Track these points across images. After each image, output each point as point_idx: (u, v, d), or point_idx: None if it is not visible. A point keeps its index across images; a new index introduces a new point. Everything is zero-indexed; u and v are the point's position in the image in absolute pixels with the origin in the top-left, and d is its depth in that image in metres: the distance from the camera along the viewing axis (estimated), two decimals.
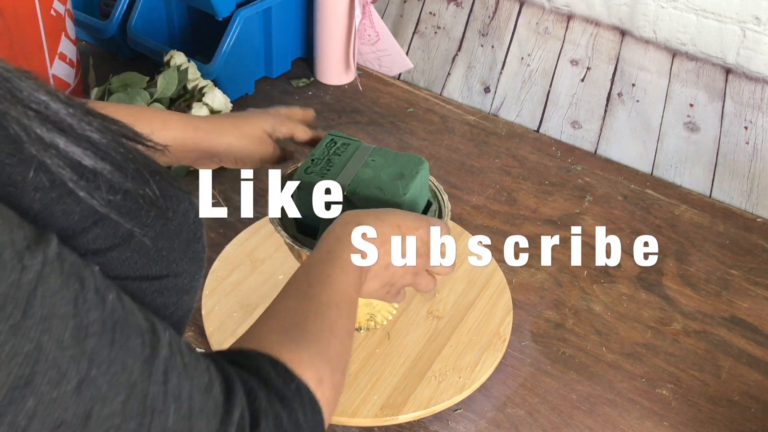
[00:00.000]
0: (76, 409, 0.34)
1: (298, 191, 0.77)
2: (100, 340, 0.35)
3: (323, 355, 0.51)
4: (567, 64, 1.28)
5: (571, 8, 1.27)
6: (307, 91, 1.35)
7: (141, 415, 0.37)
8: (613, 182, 1.18)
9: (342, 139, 0.84)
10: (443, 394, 0.83)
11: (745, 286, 1.01)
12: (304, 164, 0.80)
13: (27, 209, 0.36)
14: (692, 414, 0.85)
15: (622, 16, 1.22)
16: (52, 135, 0.38)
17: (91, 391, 0.34)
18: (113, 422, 0.35)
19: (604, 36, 1.25)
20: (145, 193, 0.42)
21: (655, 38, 1.20)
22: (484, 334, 0.90)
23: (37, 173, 0.36)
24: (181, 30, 1.40)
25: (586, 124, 1.27)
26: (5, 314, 0.31)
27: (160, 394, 0.38)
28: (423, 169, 0.80)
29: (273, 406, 0.45)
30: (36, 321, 0.32)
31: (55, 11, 1.12)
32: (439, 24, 1.39)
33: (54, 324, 0.33)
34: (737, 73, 1.15)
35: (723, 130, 1.17)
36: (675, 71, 1.20)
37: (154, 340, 0.39)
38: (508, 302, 0.94)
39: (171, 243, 0.43)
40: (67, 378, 0.34)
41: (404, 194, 0.76)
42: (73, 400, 0.34)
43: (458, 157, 1.21)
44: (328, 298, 0.56)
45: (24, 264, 0.33)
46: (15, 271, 0.32)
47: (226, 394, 0.43)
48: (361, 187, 0.77)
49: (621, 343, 0.92)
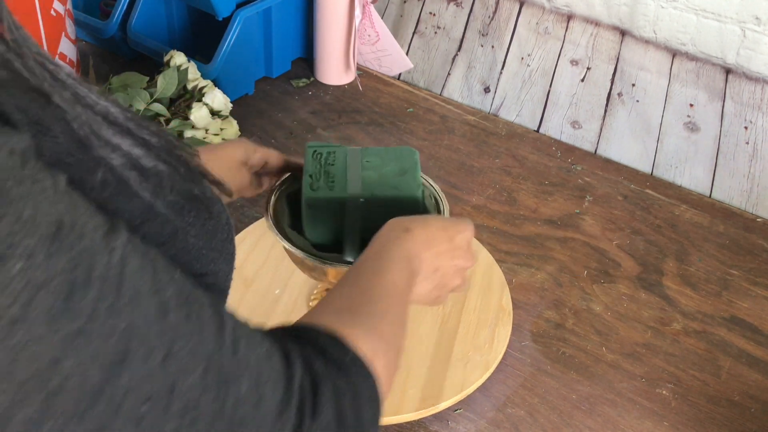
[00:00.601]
0: (162, 383, 0.35)
1: (312, 211, 0.75)
2: (178, 315, 0.37)
3: (377, 333, 0.53)
4: (567, 64, 1.28)
5: (571, 8, 1.27)
6: (307, 91, 1.35)
7: (218, 385, 0.38)
8: (613, 182, 1.18)
9: (324, 148, 0.82)
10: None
11: (745, 286, 1.01)
12: (306, 182, 0.77)
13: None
14: (692, 414, 0.85)
15: (622, 16, 1.22)
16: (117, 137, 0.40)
17: (175, 364, 0.36)
18: (194, 394, 0.37)
19: (604, 36, 1.25)
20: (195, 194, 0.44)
21: (655, 38, 1.20)
22: (483, 334, 0.90)
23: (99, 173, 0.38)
24: (181, 30, 1.40)
25: (586, 124, 1.27)
26: (102, 295, 0.33)
27: (233, 364, 0.39)
28: (417, 158, 0.81)
29: (330, 373, 0.46)
30: (127, 300, 0.34)
31: (55, 11, 1.12)
32: (439, 24, 1.39)
33: (141, 302, 0.35)
34: (737, 73, 1.15)
35: (723, 130, 1.17)
36: (675, 71, 1.20)
37: (219, 313, 0.40)
38: (508, 302, 0.94)
39: (209, 242, 0.45)
40: (155, 353, 0.35)
41: (418, 187, 0.77)
42: (160, 374, 0.35)
43: (458, 157, 1.21)
44: (380, 289, 0.58)
45: (111, 246, 0.34)
46: (105, 253, 0.34)
47: (285, 362, 0.44)
48: (377, 190, 0.76)
49: (621, 343, 0.92)
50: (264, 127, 1.25)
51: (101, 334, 0.33)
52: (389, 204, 0.76)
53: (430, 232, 0.66)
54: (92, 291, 0.32)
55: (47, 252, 0.31)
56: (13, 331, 0.30)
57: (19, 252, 0.30)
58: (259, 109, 1.30)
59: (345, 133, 1.25)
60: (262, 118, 1.28)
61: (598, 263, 1.03)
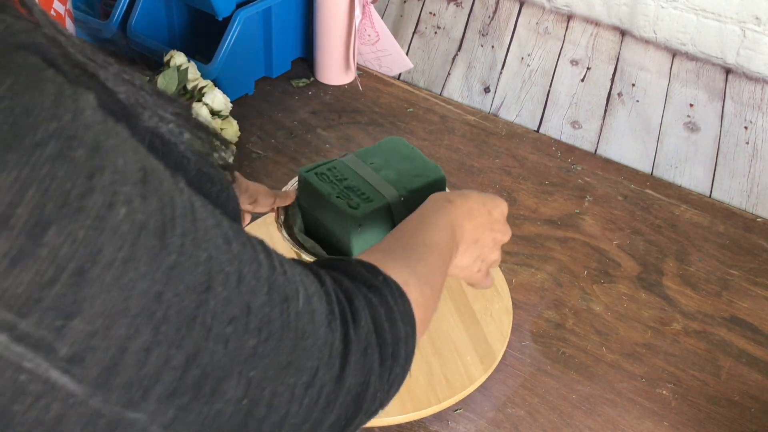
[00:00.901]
0: (240, 304, 0.38)
1: (362, 228, 0.76)
2: (238, 243, 0.40)
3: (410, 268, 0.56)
4: (567, 64, 1.28)
5: (571, 8, 1.27)
6: (307, 91, 1.35)
7: (281, 302, 0.41)
8: (613, 182, 1.18)
9: (321, 167, 0.82)
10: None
11: (745, 286, 1.01)
12: (344, 202, 0.77)
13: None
14: (692, 414, 0.85)
15: (622, 16, 1.22)
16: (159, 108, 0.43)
17: (246, 287, 0.39)
18: (265, 312, 0.40)
19: (604, 36, 1.25)
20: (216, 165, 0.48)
21: (655, 38, 1.20)
22: (483, 334, 0.90)
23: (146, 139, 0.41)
24: (181, 30, 1.40)
25: (586, 124, 1.27)
26: (186, 230, 0.36)
27: (286, 282, 0.42)
28: (408, 143, 0.85)
29: (360, 288, 0.50)
30: (202, 233, 0.37)
31: (55, 11, 1.12)
32: (439, 24, 1.39)
33: (211, 234, 0.38)
34: (737, 73, 1.15)
35: (723, 130, 1.17)
36: (675, 71, 1.20)
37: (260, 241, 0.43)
38: (508, 302, 0.94)
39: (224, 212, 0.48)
40: (230, 278, 0.38)
41: (437, 166, 0.81)
42: (237, 297, 0.38)
43: (458, 157, 1.21)
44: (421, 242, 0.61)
45: (180, 187, 0.37)
46: (178, 192, 0.37)
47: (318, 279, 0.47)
48: (407, 184, 0.79)
49: (621, 343, 0.92)
50: (264, 127, 1.25)
51: (190, 266, 0.36)
52: (425, 191, 0.78)
53: (471, 205, 0.69)
54: (178, 227, 0.36)
55: (141, 196, 0.34)
56: (125, 271, 0.33)
57: (122, 199, 0.33)
58: (259, 109, 1.30)
59: (345, 133, 1.25)
60: (262, 118, 1.28)
61: (598, 263, 1.03)
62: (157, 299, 0.34)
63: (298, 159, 1.19)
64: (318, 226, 0.80)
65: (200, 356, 0.36)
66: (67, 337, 0.31)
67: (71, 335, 0.31)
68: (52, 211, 0.30)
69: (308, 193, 0.81)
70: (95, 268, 0.32)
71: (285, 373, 0.41)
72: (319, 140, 1.23)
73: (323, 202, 0.78)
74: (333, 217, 0.77)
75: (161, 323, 0.34)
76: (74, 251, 0.31)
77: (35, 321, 0.30)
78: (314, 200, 0.80)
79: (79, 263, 0.31)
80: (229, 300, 0.38)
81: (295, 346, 0.42)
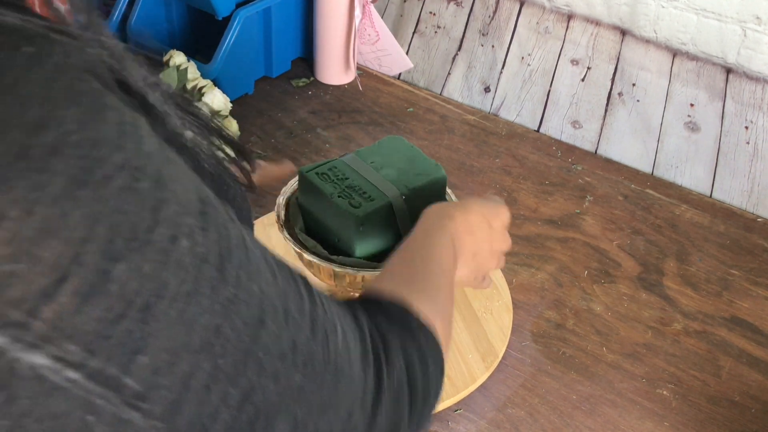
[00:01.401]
0: (288, 340, 0.38)
1: (365, 228, 0.76)
2: (282, 277, 0.39)
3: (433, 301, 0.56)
4: (567, 64, 1.28)
5: (571, 8, 1.27)
6: (307, 91, 1.35)
7: (323, 338, 0.41)
8: (613, 182, 1.17)
9: (322, 166, 0.82)
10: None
11: (746, 286, 1.01)
12: (346, 202, 0.77)
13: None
14: (692, 414, 0.85)
15: (622, 15, 1.22)
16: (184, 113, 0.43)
17: (292, 322, 0.38)
18: (309, 348, 0.39)
19: (604, 36, 1.25)
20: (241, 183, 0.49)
21: (656, 38, 1.20)
22: (483, 334, 0.90)
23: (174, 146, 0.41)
24: (180, 30, 1.40)
25: (587, 124, 1.27)
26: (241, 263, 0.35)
27: (326, 318, 0.42)
28: (407, 142, 0.86)
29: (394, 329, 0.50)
30: (254, 266, 0.37)
31: None
32: (439, 24, 1.39)
33: (261, 267, 0.37)
34: (738, 73, 1.15)
35: (723, 130, 1.17)
36: (675, 71, 1.20)
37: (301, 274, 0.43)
38: (508, 299, 0.94)
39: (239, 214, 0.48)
40: (278, 313, 0.38)
41: (438, 165, 0.82)
42: (285, 332, 0.38)
43: (458, 157, 1.21)
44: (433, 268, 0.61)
45: (231, 216, 0.37)
46: (231, 222, 0.36)
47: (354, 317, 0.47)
48: (408, 183, 0.79)
49: (621, 343, 0.92)
50: (264, 127, 1.25)
51: (246, 299, 0.35)
52: (426, 189, 0.80)
53: (471, 219, 0.69)
54: (234, 259, 0.35)
55: (201, 227, 0.33)
56: (189, 304, 0.32)
57: (185, 231, 0.32)
58: (259, 108, 1.30)
59: (345, 133, 1.25)
60: (262, 118, 1.27)
61: (598, 263, 1.03)
62: (216, 333, 0.33)
63: (298, 159, 1.19)
64: (319, 226, 0.80)
65: (254, 393, 0.35)
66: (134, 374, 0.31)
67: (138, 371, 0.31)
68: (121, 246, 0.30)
69: (309, 193, 0.80)
70: (161, 302, 0.31)
71: (326, 411, 0.41)
72: (319, 140, 1.23)
73: (325, 201, 0.78)
74: (335, 217, 0.77)
75: (219, 358, 0.34)
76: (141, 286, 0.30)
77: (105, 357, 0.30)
78: (315, 200, 0.80)
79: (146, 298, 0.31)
80: (279, 335, 0.37)
81: (336, 383, 0.41)
